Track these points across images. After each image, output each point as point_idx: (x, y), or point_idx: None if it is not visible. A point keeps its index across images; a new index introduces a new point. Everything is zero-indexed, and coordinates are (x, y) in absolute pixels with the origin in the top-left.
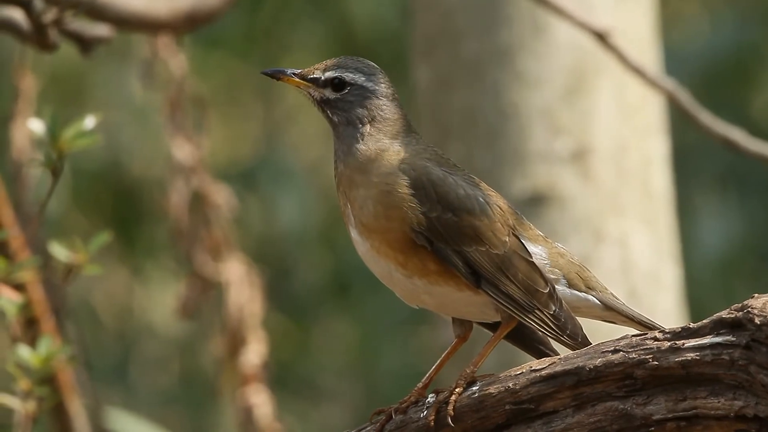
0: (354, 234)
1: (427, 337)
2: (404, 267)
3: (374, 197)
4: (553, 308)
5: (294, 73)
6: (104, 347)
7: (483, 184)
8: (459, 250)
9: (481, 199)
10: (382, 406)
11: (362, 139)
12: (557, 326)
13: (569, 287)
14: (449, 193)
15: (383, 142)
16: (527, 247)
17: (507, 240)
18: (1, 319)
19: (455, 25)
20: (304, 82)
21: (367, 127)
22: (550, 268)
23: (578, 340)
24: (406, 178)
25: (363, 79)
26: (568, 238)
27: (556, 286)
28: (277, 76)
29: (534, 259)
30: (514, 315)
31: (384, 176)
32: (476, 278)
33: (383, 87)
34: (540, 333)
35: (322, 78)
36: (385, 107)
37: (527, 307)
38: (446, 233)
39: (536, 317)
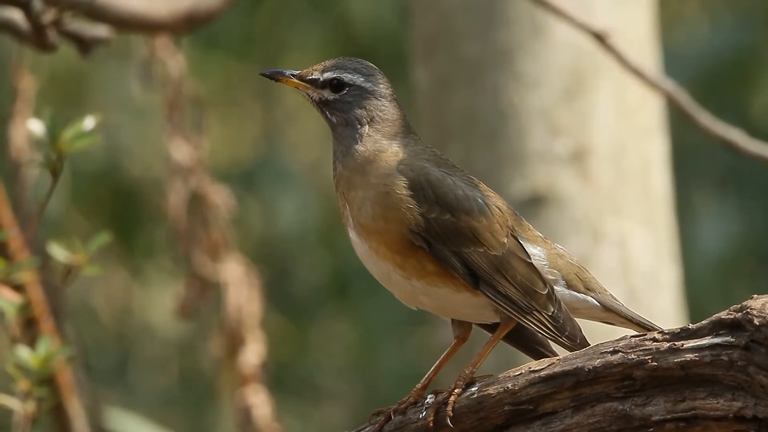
0: (352, 235)
1: (426, 338)
2: (402, 268)
3: (372, 198)
4: (552, 309)
5: (292, 74)
6: (103, 348)
7: (482, 185)
8: (457, 252)
9: (479, 200)
10: (381, 406)
11: (361, 140)
12: (556, 327)
13: (568, 288)
14: (448, 194)
15: (382, 143)
16: (526, 249)
17: (505, 241)
18: (0, 319)
19: (455, 26)
20: (303, 83)
21: (366, 128)
22: (549, 269)
23: (577, 342)
24: (404, 178)
25: (362, 79)
26: (567, 239)
27: (555, 287)
28: (275, 77)
29: (533, 260)
30: (512, 316)
31: (382, 177)
32: (474, 279)
33: (382, 87)
34: (539, 334)
35: (321, 79)
36: (384, 108)
37: (525, 308)
38: (444, 234)
39: (535, 318)
